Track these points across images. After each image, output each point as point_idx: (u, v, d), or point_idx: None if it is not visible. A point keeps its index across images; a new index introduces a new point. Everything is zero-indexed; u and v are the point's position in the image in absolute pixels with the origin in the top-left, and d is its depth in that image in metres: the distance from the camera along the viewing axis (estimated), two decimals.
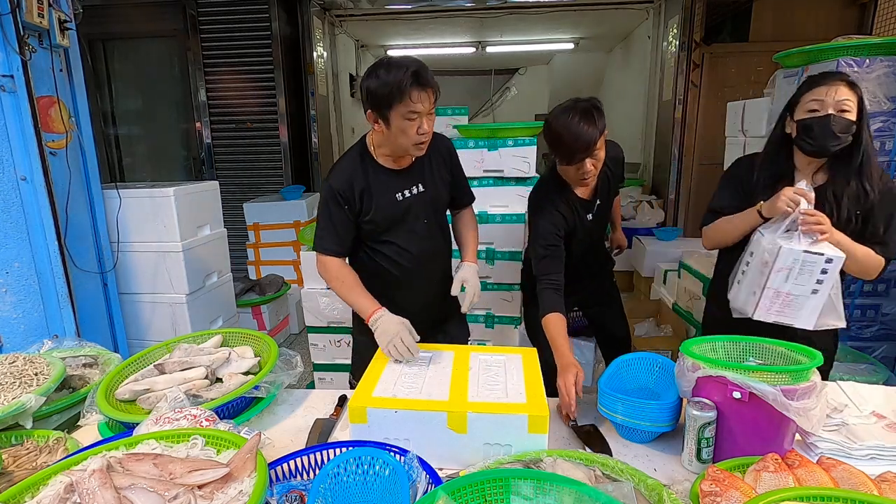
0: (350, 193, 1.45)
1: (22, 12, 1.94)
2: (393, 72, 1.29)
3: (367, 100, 1.36)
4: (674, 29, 4.54)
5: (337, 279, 1.49)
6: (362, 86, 1.36)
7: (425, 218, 1.57)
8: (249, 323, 3.53)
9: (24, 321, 2.16)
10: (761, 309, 1.28)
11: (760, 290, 1.27)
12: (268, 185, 4.73)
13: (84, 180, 2.35)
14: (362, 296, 1.45)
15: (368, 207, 1.47)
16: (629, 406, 1.12)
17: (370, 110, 1.37)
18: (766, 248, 1.27)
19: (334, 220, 1.48)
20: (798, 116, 1.36)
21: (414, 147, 1.40)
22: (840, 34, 2.13)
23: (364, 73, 1.37)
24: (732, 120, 2.80)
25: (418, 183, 1.54)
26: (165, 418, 1.03)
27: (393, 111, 1.32)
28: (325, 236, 1.49)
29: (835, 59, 1.93)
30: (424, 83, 1.31)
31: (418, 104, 1.31)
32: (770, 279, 1.25)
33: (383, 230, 1.53)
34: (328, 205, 1.47)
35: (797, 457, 0.91)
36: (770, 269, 1.24)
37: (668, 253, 3.93)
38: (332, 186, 1.46)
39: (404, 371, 1.22)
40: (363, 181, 1.46)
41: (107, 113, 4.82)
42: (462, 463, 1.02)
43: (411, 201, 1.53)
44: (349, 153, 1.53)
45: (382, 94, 1.31)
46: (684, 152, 4.66)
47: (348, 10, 5.11)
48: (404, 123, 1.33)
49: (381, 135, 1.42)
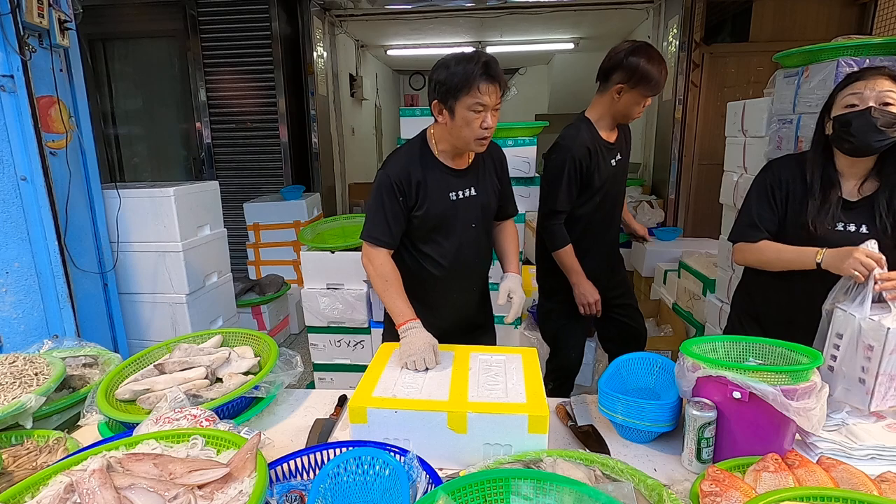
0: (407, 184, 1.44)
1: (22, 12, 1.94)
2: (463, 63, 1.31)
3: (434, 89, 1.38)
4: (674, 29, 4.54)
5: (380, 276, 1.46)
6: (431, 76, 1.38)
7: (474, 222, 1.56)
8: (249, 323, 3.53)
9: (24, 321, 2.16)
10: (877, 398, 1.10)
11: (874, 378, 1.09)
12: (268, 185, 4.72)
13: (84, 180, 2.35)
14: (401, 299, 1.43)
15: (422, 202, 1.47)
16: (629, 406, 1.11)
17: (436, 100, 1.38)
18: (865, 331, 1.10)
19: (387, 211, 1.45)
20: (835, 113, 1.28)
21: (476, 142, 1.40)
22: (840, 34, 2.13)
23: (435, 64, 1.38)
24: (732, 120, 2.80)
25: (472, 186, 1.54)
26: (165, 418, 1.03)
27: (459, 102, 1.33)
28: (376, 226, 1.46)
29: (835, 59, 1.93)
30: (494, 76, 1.32)
31: (485, 96, 1.32)
32: (883, 364, 1.08)
33: (431, 228, 1.51)
34: (382, 194, 1.45)
35: (797, 457, 0.91)
36: (882, 353, 1.07)
37: (667, 253, 3.93)
38: (390, 176, 1.44)
39: (404, 371, 1.22)
40: (420, 173, 1.46)
41: (107, 113, 4.82)
42: (462, 463, 1.02)
43: (463, 203, 1.52)
44: (408, 145, 1.53)
45: (451, 84, 1.32)
46: (684, 152, 4.66)
47: (348, 10, 5.11)
48: (469, 115, 1.34)
49: (443, 128, 1.43)
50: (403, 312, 1.40)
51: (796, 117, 2.07)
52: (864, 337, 1.09)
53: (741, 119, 2.69)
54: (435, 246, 1.54)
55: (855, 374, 1.11)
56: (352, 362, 2.71)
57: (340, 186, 5.70)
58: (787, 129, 2.11)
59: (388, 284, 1.45)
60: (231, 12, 4.44)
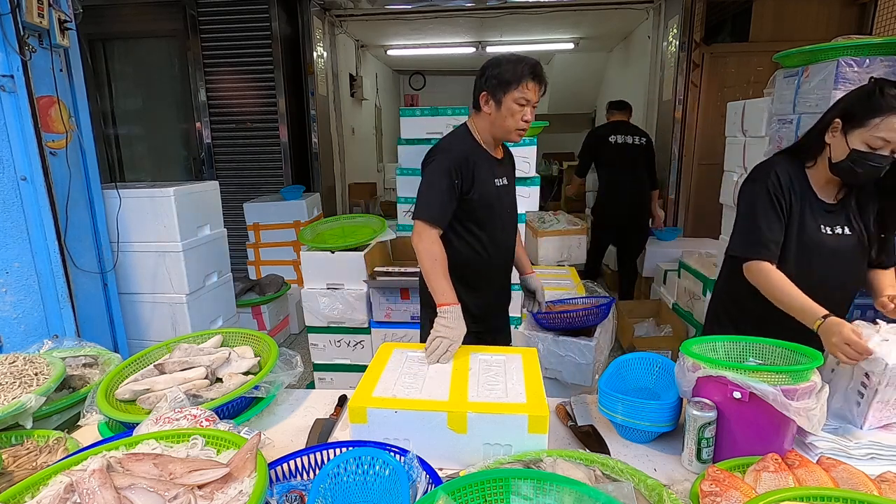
0: (465, 167, 1.55)
1: (22, 12, 1.94)
2: (514, 62, 1.50)
3: (485, 82, 1.54)
4: (674, 29, 4.54)
5: (430, 254, 1.50)
6: (486, 71, 1.54)
7: (509, 208, 1.72)
8: (249, 323, 3.53)
9: (24, 321, 2.16)
10: (871, 421, 1.09)
11: (868, 405, 1.08)
12: (268, 185, 4.72)
13: (84, 180, 2.35)
14: (445, 280, 1.48)
15: (476, 184, 1.57)
16: (629, 406, 1.11)
17: (485, 92, 1.54)
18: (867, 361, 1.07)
19: (443, 192, 1.53)
20: (855, 143, 1.22)
21: (516, 132, 1.56)
22: (840, 34, 2.13)
23: (489, 62, 1.55)
24: (732, 120, 2.80)
25: (505, 176, 1.69)
26: (165, 418, 1.03)
27: (508, 95, 1.50)
28: (432, 206, 1.53)
29: (835, 59, 1.93)
30: (539, 77, 1.51)
31: (530, 93, 1.50)
32: (879, 394, 1.06)
33: (479, 211, 1.60)
34: (440, 176, 1.53)
35: (797, 457, 0.91)
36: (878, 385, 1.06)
37: (667, 253, 3.94)
38: (449, 159, 1.54)
39: (404, 371, 1.22)
40: (474, 157, 1.58)
41: (107, 113, 4.81)
42: (462, 463, 1.02)
43: (503, 190, 1.66)
44: (454, 134, 1.66)
45: (504, 79, 1.49)
46: (684, 152, 4.66)
47: (348, 10, 5.11)
48: (514, 107, 1.51)
49: (485, 118, 1.58)
50: (447, 293, 1.45)
51: (796, 117, 2.07)
52: (865, 364, 1.08)
53: (741, 119, 2.69)
54: (480, 229, 1.63)
55: (854, 398, 1.11)
56: (352, 362, 2.71)
57: (340, 186, 5.70)
58: (786, 129, 2.11)
59: (436, 264, 1.50)
60: (231, 12, 4.44)
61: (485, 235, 1.64)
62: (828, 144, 1.31)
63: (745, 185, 1.45)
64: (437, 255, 1.51)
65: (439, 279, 1.47)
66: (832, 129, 1.29)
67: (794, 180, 1.37)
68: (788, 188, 1.36)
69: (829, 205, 1.38)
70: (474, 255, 1.65)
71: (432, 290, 1.48)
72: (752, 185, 1.42)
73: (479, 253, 1.65)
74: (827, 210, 1.37)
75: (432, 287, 1.48)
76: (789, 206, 1.36)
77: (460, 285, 1.52)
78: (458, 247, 1.63)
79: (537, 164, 2.50)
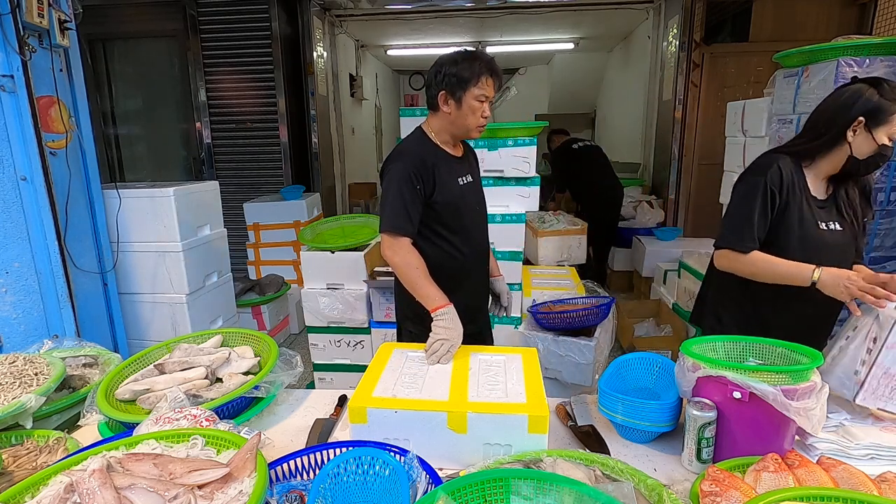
0: (424, 170, 1.52)
1: (22, 12, 1.94)
2: (471, 60, 1.49)
3: (443, 81, 1.51)
4: (674, 29, 4.54)
5: (408, 264, 1.49)
6: (441, 71, 1.51)
7: (477, 206, 1.69)
8: (249, 323, 3.53)
9: (24, 321, 2.16)
10: (866, 390, 1.07)
11: (868, 369, 1.05)
12: (268, 185, 4.72)
13: (84, 180, 2.35)
14: (432, 285, 1.46)
15: (438, 186, 1.54)
16: (629, 406, 1.11)
17: (444, 91, 1.51)
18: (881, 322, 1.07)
19: (406, 200, 1.50)
20: (882, 139, 1.29)
21: (476, 129, 1.56)
22: (840, 34, 2.13)
23: (442, 60, 1.52)
24: (732, 120, 2.80)
25: (468, 173, 1.66)
26: (165, 418, 1.03)
27: (467, 93, 1.49)
28: (397, 216, 1.50)
29: (835, 59, 1.93)
30: (496, 72, 1.51)
31: (489, 89, 1.51)
32: (880, 356, 1.04)
33: (445, 214, 1.58)
34: (399, 185, 1.50)
35: (797, 457, 0.91)
36: (882, 345, 1.04)
37: (667, 253, 3.94)
38: (406, 165, 1.51)
39: (404, 371, 1.22)
40: (433, 159, 1.55)
41: (107, 113, 4.81)
42: (462, 463, 1.02)
43: (468, 188, 1.64)
44: (410, 138, 1.62)
45: (462, 77, 1.48)
46: (684, 152, 4.66)
47: (348, 10, 5.11)
48: (475, 104, 1.51)
49: (445, 118, 1.55)
50: (437, 297, 1.43)
51: (796, 117, 2.07)
52: (874, 329, 1.09)
53: (741, 119, 2.69)
54: (450, 232, 1.61)
55: (853, 366, 1.12)
56: (352, 362, 2.71)
57: (340, 186, 5.70)
58: (786, 129, 2.11)
59: (417, 271, 1.48)
60: (231, 12, 4.43)
61: (455, 237, 1.61)
62: (847, 142, 1.33)
63: (745, 176, 1.46)
64: (415, 262, 1.49)
65: (425, 286, 1.45)
66: (853, 128, 1.31)
67: (794, 177, 1.39)
68: (789, 185, 1.37)
69: (821, 201, 1.42)
70: (448, 258, 1.61)
71: (421, 299, 1.46)
72: (750, 178, 1.43)
73: (452, 255, 1.61)
74: (820, 206, 1.41)
75: (420, 296, 1.46)
76: (785, 204, 1.37)
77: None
78: (430, 252, 1.58)
79: (537, 164, 2.50)
